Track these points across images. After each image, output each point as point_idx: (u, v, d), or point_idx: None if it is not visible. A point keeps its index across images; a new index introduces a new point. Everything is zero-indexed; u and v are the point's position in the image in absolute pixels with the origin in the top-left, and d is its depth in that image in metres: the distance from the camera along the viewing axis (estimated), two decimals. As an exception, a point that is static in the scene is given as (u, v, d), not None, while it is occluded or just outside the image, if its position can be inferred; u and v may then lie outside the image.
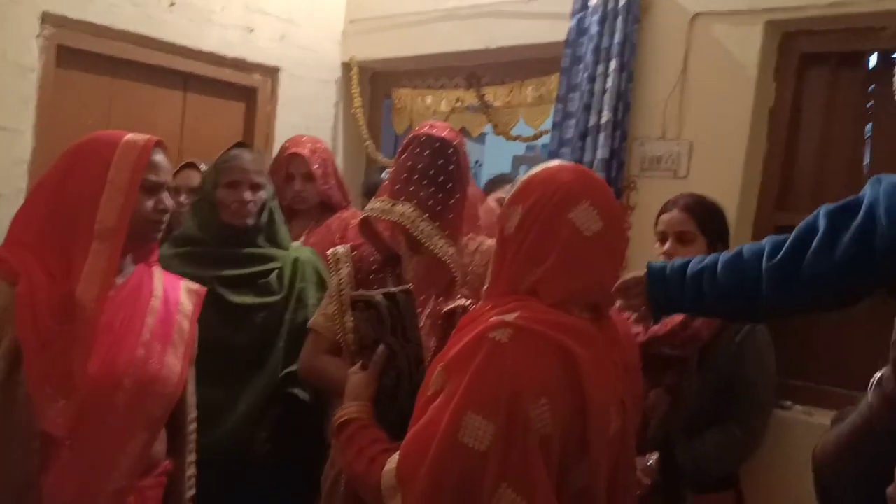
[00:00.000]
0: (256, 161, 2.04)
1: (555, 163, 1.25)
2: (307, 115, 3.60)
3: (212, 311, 1.91)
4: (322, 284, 2.08)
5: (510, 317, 1.08)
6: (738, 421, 1.89)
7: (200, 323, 1.92)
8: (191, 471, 1.60)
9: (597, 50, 2.63)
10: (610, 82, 2.58)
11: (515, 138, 3.35)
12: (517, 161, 5.25)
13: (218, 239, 1.99)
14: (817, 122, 2.39)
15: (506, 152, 5.05)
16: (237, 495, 1.96)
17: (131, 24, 2.98)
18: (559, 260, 1.12)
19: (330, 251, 1.81)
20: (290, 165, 2.64)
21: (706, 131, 2.48)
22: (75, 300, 1.28)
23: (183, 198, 2.45)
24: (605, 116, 2.58)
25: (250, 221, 1.99)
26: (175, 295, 1.52)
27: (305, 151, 2.68)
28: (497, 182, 2.88)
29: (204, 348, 1.92)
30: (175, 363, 1.45)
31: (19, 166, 2.67)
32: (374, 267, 1.75)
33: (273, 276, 2.02)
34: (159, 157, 1.42)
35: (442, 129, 1.70)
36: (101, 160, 1.35)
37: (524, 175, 1.24)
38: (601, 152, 2.57)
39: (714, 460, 1.87)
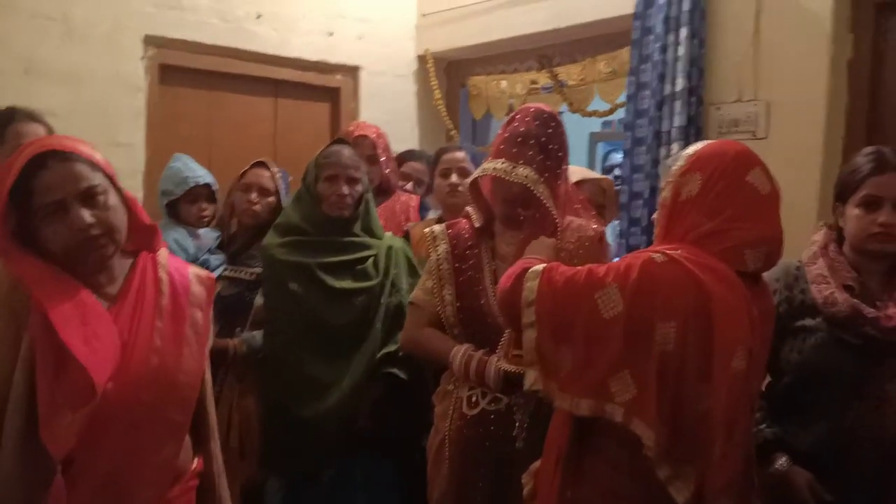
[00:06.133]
0: (353, 157, 2.18)
1: (707, 142, 1.41)
2: (388, 109, 3.75)
3: (315, 294, 2.13)
4: (412, 271, 2.22)
5: (668, 250, 1.30)
6: None
7: (306, 305, 2.10)
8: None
9: (666, 19, 2.64)
10: (682, 50, 2.59)
11: (591, 114, 3.38)
12: (594, 138, 5.22)
13: (319, 228, 2.15)
14: (901, 71, 2.32)
15: (583, 129, 5.03)
16: (340, 466, 2.12)
17: (223, 38, 3.23)
18: (736, 213, 1.30)
19: (427, 230, 1.93)
20: (356, 148, 2.61)
21: (783, 90, 2.45)
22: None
23: (254, 196, 2.35)
24: (680, 84, 2.59)
25: (347, 213, 2.15)
26: (184, 284, 1.36)
27: (372, 134, 2.75)
28: None
29: (309, 328, 2.12)
30: (192, 363, 1.32)
31: (134, 178, 2.94)
32: (469, 243, 1.84)
33: (369, 262, 2.17)
34: (46, 173, 1.18)
35: (545, 106, 1.78)
36: None
37: (690, 150, 1.40)
38: (678, 120, 2.60)
39: None
